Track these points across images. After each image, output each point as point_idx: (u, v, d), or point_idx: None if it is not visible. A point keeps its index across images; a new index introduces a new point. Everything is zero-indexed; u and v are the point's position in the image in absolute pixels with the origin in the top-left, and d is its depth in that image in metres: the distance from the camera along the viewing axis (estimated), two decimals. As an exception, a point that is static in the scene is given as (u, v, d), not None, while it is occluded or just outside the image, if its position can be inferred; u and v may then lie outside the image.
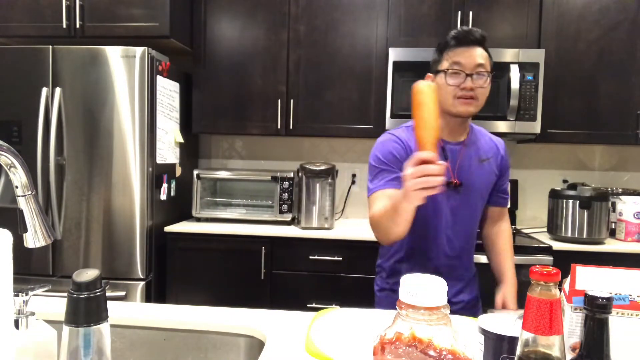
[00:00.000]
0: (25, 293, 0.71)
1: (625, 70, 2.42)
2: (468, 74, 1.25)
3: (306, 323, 1.00)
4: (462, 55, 1.26)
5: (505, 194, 1.47)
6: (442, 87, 1.27)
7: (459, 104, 1.27)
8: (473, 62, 1.25)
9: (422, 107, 1.00)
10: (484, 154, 1.38)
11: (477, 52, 1.27)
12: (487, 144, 1.41)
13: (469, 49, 1.27)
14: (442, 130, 1.27)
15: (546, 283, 0.51)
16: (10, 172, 0.67)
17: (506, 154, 1.45)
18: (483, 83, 1.26)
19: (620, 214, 2.36)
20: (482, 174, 1.36)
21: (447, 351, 0.46)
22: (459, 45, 1.28)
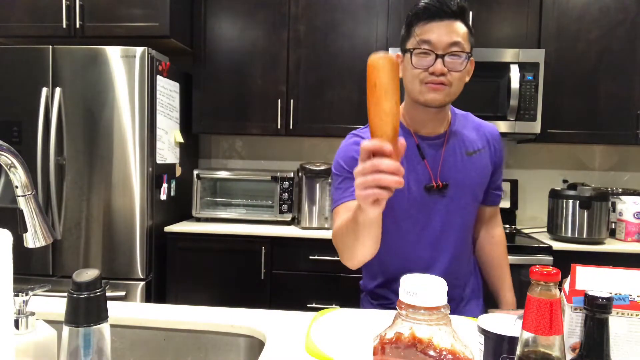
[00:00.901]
0: (25, 293, 0.71)
1: (625, 70, 2.42)
2: (439, 55, 1.04)
3: (306, 323, 0.99)
4: (433, 32, 1.04)
5: (499, 190, 1.28)
6: (408, 70, 1.08)
7: (426, 90, 1.06)
8: (447, 40, 1.03)
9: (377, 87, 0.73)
10: (472, 145, 1.17)
11: (453, 28, 1.04)
12: (476, 132, 1.20)
13: (443, 23, 1.04)
14: (416, 123, 1.15)
15: (546, 283, 0.51)
16: (10, 172, 0.67)
17: (500, 143, 1.23)
18: (458, 66, 1.05)
19: (620, 214, 2.36)
20: (472, 170, 1.16)
21: (447, 351, 0.46)
22: (430, 19, 1.05)
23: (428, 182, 1.12)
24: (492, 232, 1.32)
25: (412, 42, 1.08)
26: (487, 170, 1.19)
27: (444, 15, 1.04)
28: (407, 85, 1.11)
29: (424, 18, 1.06)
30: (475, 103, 1.28)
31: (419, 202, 1.12)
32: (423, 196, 1.12)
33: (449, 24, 1.04)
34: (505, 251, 1.32)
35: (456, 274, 1.18)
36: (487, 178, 1.20)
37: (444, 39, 1.04)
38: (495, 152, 1.21)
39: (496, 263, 1.30)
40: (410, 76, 1.08)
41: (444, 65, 1.04)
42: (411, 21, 1.08)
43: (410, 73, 1.08)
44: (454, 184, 1.13)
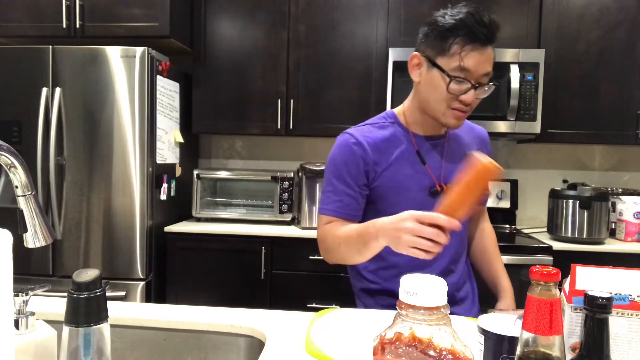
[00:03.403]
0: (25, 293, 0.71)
1: (625, 70, 2.42)
2: (474, 86, 1.02)
3: (306, 323, 1.00)
4: (474, 59, 1.00)
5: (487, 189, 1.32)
6: (437, 88, 1.04)
7: (450, 115, 1.05)
8: (484, 71, 1.02)
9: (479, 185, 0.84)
10: (468, 147, 1.18)
11: (490, 57, 1.03)
12: (470, 134, 1.22)
13: (485, 51, 1.01)
14: (417, 124, 1.14)
15: (546, 283, 0.51)
16: (10, 172, 0.67)
17: (489, 145, 1.26)
18: (484, 94, 1.05)
19: (620, 214, 2.36)
20: None
21: (447, 351, 0.46)
22: (474, 43, 1.00)
23: (432, 187, 1.12)
24: (482, 227, 1.35)
25: (448, 62, 1.01)
26: None
27: (487, 43, 1.01)
28: (427, 100, 1.08)
29: (468, 41, 1.00)
30: (475, 103, 1.27)
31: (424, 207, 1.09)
32: (428, 200, 1.11)
33: (488, 53, 1.02)
34: (495, 242, 1.35)
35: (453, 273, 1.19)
36: None
37: (481, 70, 1.02)
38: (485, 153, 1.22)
39: (489, 254, 1.32)
40: (438, 96, 1.05)
41: (474, 95, 1.03)
42: (450, 34, 1.01)
43: (439, 93, 1.04)
44: None
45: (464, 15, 1.01)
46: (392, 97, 2.43)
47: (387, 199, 1.14)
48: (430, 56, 1.05)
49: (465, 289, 1.24)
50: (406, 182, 1.12)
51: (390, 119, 1.19)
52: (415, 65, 1.10)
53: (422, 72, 1.08)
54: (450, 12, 1.03)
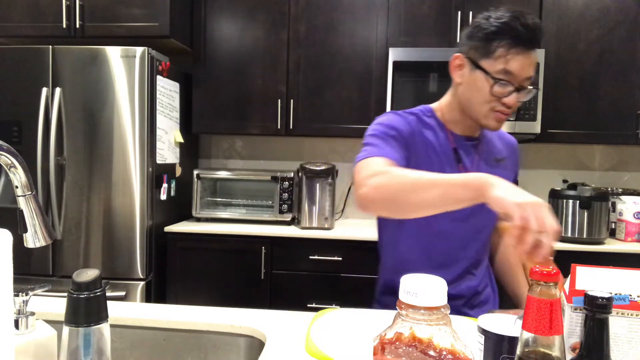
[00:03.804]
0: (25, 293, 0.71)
1: (625, 70, 2.42)
2: (517, 89, 1.02)
3: (306, 323, 1.00)
4: (518, 62, 1.00)
5: None
6: (480, 90, 1.04)
7: (492, 117, 1.06)
8: (527, 74, 1.02)
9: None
10: (499, 152, 1.20)
11: (533, 60, 1.02)
12: (502, 141, 1.23)
13: (528, 54, 1.00)
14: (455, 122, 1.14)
15: (546, 283, 0.51)
16: (10, 172, 0.67)
17: (518, 154, 1.27)
18: (525, 97, 1.04)
19: (620, 214, 2.36)
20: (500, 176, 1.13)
21: (447, 351, 0.46)
22: (518, 45, 0.99)
23: None
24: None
25: (493, 65, 1.01)
26: (510, 179, 1.19)
27: (531, 46, 1.00)
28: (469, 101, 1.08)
29: (513, 45, 0.99)
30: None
31: None
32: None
33: (532, 57, 1.01)
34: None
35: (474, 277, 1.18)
36: None
37: (525, 73, 1.01)
38: (515, 162, 1.24)
39: (511, 264, 1.30)
40: (481, 97, 1.04)
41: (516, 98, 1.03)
42: (495, 37, 1.01)
43: (482, 95, 1.04)
44: None
45: (508, 18, 1.00)
46: (392, 97, 2.43)
47: None
48: (473, 58, 1.05)
49: (486, 293, 1.23)
50: None
51: (428, 112, 1.18)
52: (457, 67, 1.10)
53: (465, 73, 1.08)
54: (495, 15, 1.03)
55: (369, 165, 0.98)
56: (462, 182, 0.85)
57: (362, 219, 2.90)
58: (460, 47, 1.10)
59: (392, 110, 2.41)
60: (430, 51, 2.41)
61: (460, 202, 0.86)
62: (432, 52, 2.41)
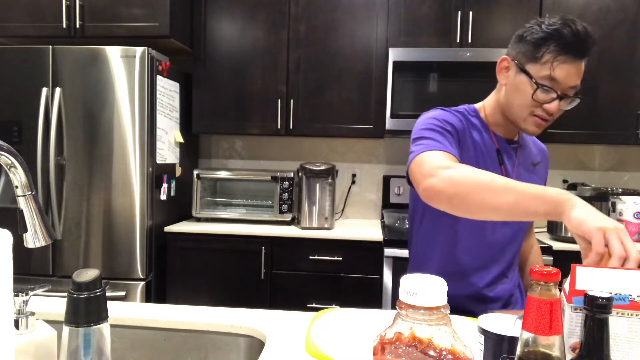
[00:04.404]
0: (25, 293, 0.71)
1: (625, 70, 2.42)
2: (560, 96, 1.01)
3: (306, 323, 1.00)
4: (564, 70, 0.99)
5: None
6: (522, 95, 1.04)
7: (531, 122, 1.06)
8: (572, 83, 1.01)
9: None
10: (535, 157, 1.22)
11: (581, 70, 1.00)
12: (534, 146, 1.25)
13: (576, 64, 0.99)
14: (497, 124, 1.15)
15: (546, 283, 0.51)
16: (10, 172, 0.67)
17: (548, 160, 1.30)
18: (568, 106, 1.04)
19: (620, 214, 2.36)
20: (535, 180, 1.18)
21: (447, 351, 0.46)
22: (567, 53, 0.98)
23: None
24: (530, 242, 1.35)
25: (539, 70, 1.01)
26: (544, 183, 1.23)
27: (580, 55, 0.99)
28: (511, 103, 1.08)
29: (562, 52, 0.98)
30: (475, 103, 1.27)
31: None
32: None
33: (580, 66, 1.00)
34: (541, 260, 1.37)
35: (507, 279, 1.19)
36: None
37: (570, 82, 1.00)
38: (547, 168, 1.28)
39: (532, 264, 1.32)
40: (522, 101, 1.04)
41: (559, 106, 1.02)
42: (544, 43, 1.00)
43: (524, 99, 1.04)
44: None
45: (559, 25, 0.99)
46: (392, 97, 2.43)
47: None
48: (520, 61, 1.05)
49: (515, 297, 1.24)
50: None
51: (472, 112, 1.18)
52: (503, 68, 1.11)
53: (510, 75, 1.09)
54: (547, 21, 1.02)
55: (435, 158, 0.95)
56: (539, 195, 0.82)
57: (362, 219, 2.90)
58: (509, 49, 1.11)
59: (392, 110, 2.42)
60: (430, 51, 2.41)
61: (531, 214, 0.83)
62: (432, 52, 2.41)
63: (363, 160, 2.90)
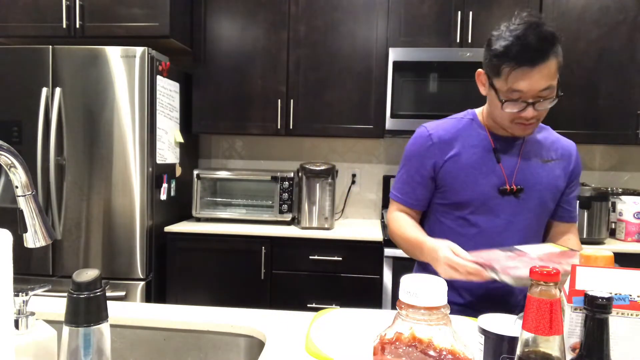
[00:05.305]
0: (25, 293, 0.71)
1: (625, 70, 2.42)
2: (530, 103, 1.03)
3: (306, 323, 1.00)
4: (524, 80, 1.00)
5: (570, 206, 1.23)
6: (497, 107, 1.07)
7: (516, 128, 1.09)
8: (539, 87, 1.01)
9: None
10: (548, 153, 1.19)
11: (545, 72, 1.00)
12: (556, 143, 1.23)
13: (534, 70, 0.99)
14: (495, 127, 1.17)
15: (546, 283, 0.51)
16: (10, 172, 0.67)
17: (576, 158, 1.23)
18: (547, 105, 1.05)
19: (620, 214, 2.36)
20: (545, 177, 1.16)
21: (447, 351, 0.46)
22: (522, 65, 0.99)
23: (502, 185, 1.15)
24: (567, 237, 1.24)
25: (501, 84, 1.04)
26: (560, 181, 1.19)
27: (538, 63, 0.99)
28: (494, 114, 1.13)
29: (516, 66, 1.00)
30: (476, 103, 1.28)
31: (491, 202, 1.15)
32: (496, 197, 1.15)
33: (541, 69, 1.00)
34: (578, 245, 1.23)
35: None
36: (558, 188, 1.19)
37: (536, 87, 1.01)
38: (569, 166, 1.21)
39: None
40: (499, 113, 1.08)
41: (534, 111, 1.04)
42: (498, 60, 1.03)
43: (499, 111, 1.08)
44: (529, 189, 1.15)
45: (509, 41, 1.01)
46: (392, 97, 2.43)
47: (450, 187, 1.18)
48: (489, 76, 1.09)
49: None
50: (473, 175, 1.16)
51: (470, 115, 1.23)
52: (481, 82, 1.16)
53: (486, 89, 1.13)
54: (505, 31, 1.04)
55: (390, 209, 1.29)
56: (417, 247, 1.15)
57: (362, 218, 2.90)
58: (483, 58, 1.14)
59: (392, 110, 2.42)
60: (430, 51, 2.41)
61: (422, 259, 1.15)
62: (432, 52, 2.41)
63: (363, 160, 2.90)
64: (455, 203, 1.18)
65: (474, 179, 1.15)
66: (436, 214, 1.24)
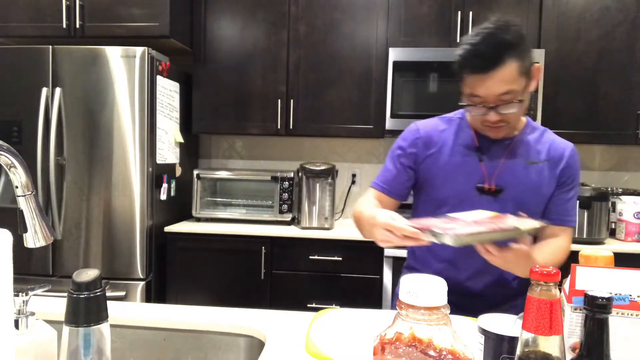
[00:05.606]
0: (25, 293, 0.71)
1: (625, 70, 2.42)
2: (491, 107, 1.05)
3: (306, 323, 1.00)
4: (479, 86, 1.03)
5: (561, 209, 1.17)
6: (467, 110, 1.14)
7: (487, 130, 1.12)
8: (496, 92, 1.03)
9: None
10: (535, 155, 1.17)
11: (499, 77, 1.01)
12: (545, 146, 1.19)
13: (488, 75, 1.01)
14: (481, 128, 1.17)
15: (546, 283, 0.51)
16: (10, 172, 0.67)
17: (575, 162, 1.20)
18: (512, 109, 1.05)
19: (620, 214, 2.36)
20: (529, 178, 1.14)
21: (447, 351, 0.46)
22: (475, 73, 1.03)
23: (480, 183, 1.16)
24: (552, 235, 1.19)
25: (465, 88, 1.09)
26: (546, 183, 1.16)
27: (490, 69, 1.01)
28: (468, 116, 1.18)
29: (471, 73, 1.04)
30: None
31: (469, 200, 1.15)
32: (473, 195, 1.16)
33: (496, 75, 1.01)
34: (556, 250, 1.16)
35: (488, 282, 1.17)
36: (544, 191, 1.16)
37: (492, 91, 1.03)
38: (558, 168, 1.17)
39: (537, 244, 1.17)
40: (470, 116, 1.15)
41: (497, 115, 1.06)
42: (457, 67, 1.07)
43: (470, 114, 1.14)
44: (509, 190, 1.14)
45: (464, 49, 1.05)
46: (392, 97, 2.43)
47: (431, 183, 1.20)
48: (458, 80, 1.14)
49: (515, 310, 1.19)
50: (453, 172, 1.17)
51: (459, 115, 1.25)
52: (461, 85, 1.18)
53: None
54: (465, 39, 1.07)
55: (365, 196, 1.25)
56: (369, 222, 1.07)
57: (362, 219, 2.90)
58: None
59: (392, 110, 2.42)
60: (430, 51, 2.41)
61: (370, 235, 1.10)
62: (432, 52, 2.41)
63: (363, 160, 2.90)
64: (435, 200, 1.19)
65: (454, 176, 1.17)
66: (419, 211, 1.25)
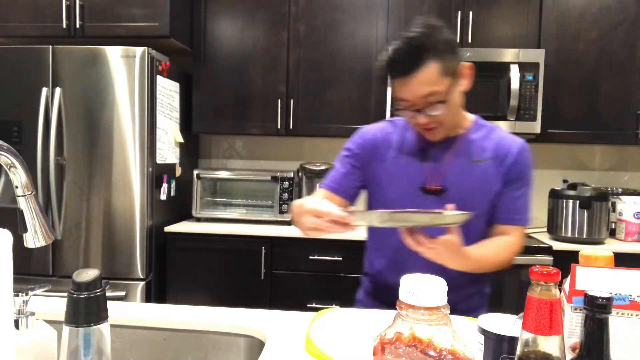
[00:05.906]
0: (25, 293, 0.71)
1: (625, 70, 2.42)
2: (417, 110, 1.06)
3: (306, 323, 1.00)
4: (402, 90, 1.05)
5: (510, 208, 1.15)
6: None
7: (422, 131, 1.13)
8: (419, 94, 1.03)
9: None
10: (480, 153, 1.14)
11: (420, 80, 1.02)
12: (492, 143, 1.15)
13: (408, 79, 1.03)
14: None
15: (546, 283, 0.51)
16: (10, 172, 0.67)
17: (524, 158, 1.17)
18: (439, 111, 1.05)
19: (620, 214, 2.36)
20: (473, 177, 1.13)
21: (447, 351, 0.46)
22: (395, 77, 1.06)
23: (424, 184, 1.16)
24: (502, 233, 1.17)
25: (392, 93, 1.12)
26: (492, 181, 1.14)
27: (407, 73, 1.02)
28: None
29: (392, 77, 1.07)
30: (475, 103, 1.28)
31: (413, 202, 1.14)
32: (417, 196, 1.16)
33: (415, 78, 1.02)
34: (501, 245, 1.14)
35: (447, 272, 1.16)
36: (490, 189, 1.14)
37: (415, 94, 1.04)
38: (503, 165, 1.14)
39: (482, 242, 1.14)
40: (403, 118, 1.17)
41: (424, 117, 1.07)
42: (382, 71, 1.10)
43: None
44: (453, 189, 1.12)
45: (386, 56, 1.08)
46: (392, 97, 2.43)
47: (378, 184, 1.22)
48: None
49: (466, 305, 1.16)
50: (397, 174, 1.18)
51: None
52: None
53: None
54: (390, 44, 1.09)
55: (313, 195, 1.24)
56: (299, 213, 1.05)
57: (362, 219, 2.90)
58: None
59: (392, 110, 2.42)
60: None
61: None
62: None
63: (363, 160, 2.89)
64: (382, 201, 1.19)
65: (399, 178, 1.18)
66: None
